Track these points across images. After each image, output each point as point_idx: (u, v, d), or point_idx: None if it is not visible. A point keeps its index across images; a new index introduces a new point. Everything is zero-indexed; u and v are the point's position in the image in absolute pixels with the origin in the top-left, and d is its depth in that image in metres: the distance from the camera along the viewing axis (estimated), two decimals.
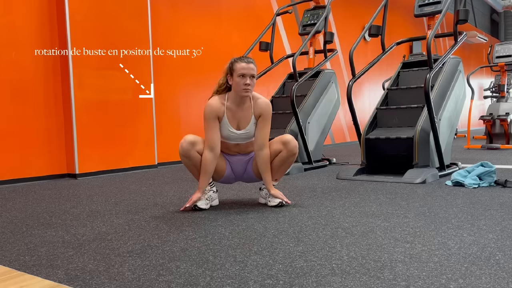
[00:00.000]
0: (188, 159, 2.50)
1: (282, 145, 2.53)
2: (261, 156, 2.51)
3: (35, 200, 3.01)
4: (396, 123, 3.83)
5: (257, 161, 2.54)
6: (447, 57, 3.73)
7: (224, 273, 1.46)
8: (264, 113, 2.52)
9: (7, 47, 3.88)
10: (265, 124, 2.52)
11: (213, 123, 2.48)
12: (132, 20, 4.64)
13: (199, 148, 2.49)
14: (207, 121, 2.49)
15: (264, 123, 2.52)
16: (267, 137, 2.54)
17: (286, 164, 2.59)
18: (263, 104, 2.53)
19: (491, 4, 14.33)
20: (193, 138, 2.50)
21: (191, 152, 2.48)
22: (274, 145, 2.56)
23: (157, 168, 4.87)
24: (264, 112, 2.52)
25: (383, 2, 4.09)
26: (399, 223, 2.09)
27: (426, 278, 1.36)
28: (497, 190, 2.91)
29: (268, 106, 2.54)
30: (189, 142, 2.48)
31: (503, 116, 6.49)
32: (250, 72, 2.43)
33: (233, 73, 2.45)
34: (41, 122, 4.10)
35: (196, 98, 5.50)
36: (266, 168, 2.53)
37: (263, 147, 2.51)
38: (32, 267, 1.59)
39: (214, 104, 2.51)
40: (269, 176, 2.55)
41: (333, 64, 7.86)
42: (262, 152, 2.51)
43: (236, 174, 2.67)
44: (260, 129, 2.52)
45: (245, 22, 6.20)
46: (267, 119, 2.53)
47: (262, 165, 2.52)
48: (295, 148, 2.54)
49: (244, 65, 2.41)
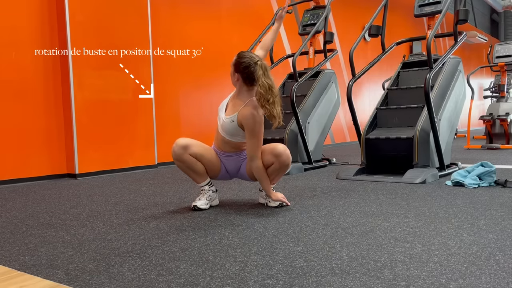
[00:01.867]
0: (182, 163, 2.49)
1: (274, 157, 2.44)
2: (253, 168, 2.46)
3: (35, 200, 3.01)
4: (396, 123, 3.83)
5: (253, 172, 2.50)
6: (447, 57, 3.73)
7: (224, 273, 1.46)
8: (245, 123, 2.41)
9: (7, 47, 3.88)
10: (249, 136, 2.41)
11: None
12: (132, 20, 4.64)
13: (192, 151, 2.47)
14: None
15: (247, 134, 2.42)
16: (255, 149, 2.42)
17: (280, 174, 2.53)
18: (244, 110, 2.42)
19: (491, 4, 14.33)
20: (185, 141, 2.48)
21: (184, 156, 2.47)
22: (266, 155, 2.46)
23: (157, 168, 4.87)
24: (244, 121, 2.41)
25: (383, 2, 4.09)
26: (399, 223, 2.09)
27: (426, 278, 1.36)
28: (497, 190, 2.91)
29: (247, 117, 2.39)
30: (180, 146, 2.46)
31: (503, 116, 6.49)
32: None
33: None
34: (41, 122, 4.10)
35: (196, 98, 5.50)
36: (261, 178, 2.47)
37: (252, 158, 2.44)
38: (32, 267, 1.59)
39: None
40: (266, 185, 2.49)
41: (333, 64, 7.86)
42: (252, 163, 2.45)
43: (230, 173, 2.65)
44: (246, 140, 2.45)
45: (245, 22, 6.20)
46: (249, 131, 2.40)
47: (256, 176, 2.48)
48: (287, 159, 2.46)
49: None
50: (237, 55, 2.50)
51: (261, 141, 2.45)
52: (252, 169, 2.47)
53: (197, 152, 2.50)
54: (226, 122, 2.49)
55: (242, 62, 2.44)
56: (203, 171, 2.56)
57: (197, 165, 2.52)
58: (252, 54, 2.47)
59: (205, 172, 2.57)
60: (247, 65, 2.42)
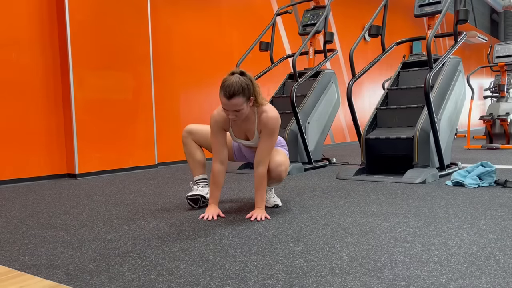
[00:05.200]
0: (184, 146, 2.62)
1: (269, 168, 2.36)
2: (256, 174, 2.33)
3: (35, 200, 3.01)
4: (396, 123, 3.83)
5: (254, 178, 2.36)
6: (447, 57, 3.73)
7: (224, 273, 1.46)
8: (263, 128, 2.29)
9: (7, 47, 3.88)
10: (265, 140, 2.29)
11: (220, 136, 2.36)
12: (132, 20, 4.64)
13: (195, 138, 2.58)
14: (214, 134, 2.37)
15: (264, 138, 2.30)
16: (266, 154, 2.31)
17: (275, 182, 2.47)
18: (265, 118, 2.28)
19: (491, 4, 14.32)
20: (192, 127, 2.60)
21: (186, 140, 2.60)
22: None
23: (157, 168, 4.87)
24: (263, 127, 2.29)
25: (383, 2, 4.09)
26: (399, 223, 2.09)
27: (426, 278, 1.36)
28: (497, 190, 2.91)
29: (269, 120, 2.28)
30: (186, 130, 2.61)
31: (503, 116, 6.49)
32: (232, 109, 2.17)
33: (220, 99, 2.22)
34: (41, 122, 4.10)
35: (196, 98, 5.50)
36: (260, 186, 2.32)
37: (260, 164, 2.30)
38: (32, 267, 1.59)
39: (218, 117, 2.34)
40: (259, 196, 2.34)
41: (333, 64, 7.86)
42: (257, 169, 2.31)
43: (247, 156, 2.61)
44: (260, 144, 2.31)
45: (245, 22, 6.20)
46: (268, 134, 2.29)
47: (256, 184, 2.35)
48: (277, 176, 2.37)
49: (225, 102, 2.15)
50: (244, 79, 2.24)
51: (273, 146, 2.34)
52: (257, 175, 2.32)
53: (201, 140, 2.59)
54: (254, 142, 2.39)
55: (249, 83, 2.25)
56: (201, 163, 2.60)
57: (196, 154, 2.59)
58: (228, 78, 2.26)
59: (203, 165, 2.61)
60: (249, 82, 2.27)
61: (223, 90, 2.15)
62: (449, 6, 3.84)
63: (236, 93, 2.13)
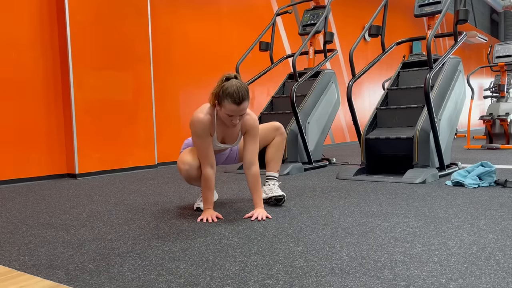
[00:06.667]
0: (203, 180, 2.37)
1: (275, 131, 2.58)
2: (251, 175, 2.32)
3: (35, 200, 3.01)
4: (396, 123, 3.83)
5: (248, 179, 2.35)
6: (447, 57, 3.73)
7: (224, 273, 1.46)
8: (250, 129, 2.33)
9: (7, 47, 3.88)
10: (254, 141, 2.34)
11: (208, 140, 2.30)
12: (132, 20, 4.64)
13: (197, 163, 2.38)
14: (202, 138, 2.28)
15: (251, 139, 2.34)
16: (255, 154, 2.34)
17: (281, 149, 2.61)
18: (250, 120, 2.32)
19: (491, 4, 14.31)
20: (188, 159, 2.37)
21: (196, 172, 2.39)
22: (268, 132, 2.57)
23: (157, 168, 4.87)
24: (250, 128, 2.33)
25: (383, 2, 4.09)
26: (399, 223, 2.09)
27: (426, 278, 1.37)
28: (497, 190, 2.91)
29: (255, 122, 2.34)
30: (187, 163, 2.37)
31: (503, 116, 6.49)
32: (241, 113, 2.18)
33: (222, 107, 2.18)
34: (41, 122, 4.10)
35: (196, 98, 5.50)
36: (256, 186, 2.31)
37: (252, 164, 2.30)
38: (32, 267, 1.59)
39: (207, 122, 2.28)
40: (257, 195, 2.34)
41: (333, 64, 7.86)
42: (250, 170, 2.30)
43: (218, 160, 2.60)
44: (248, 146, 2.33)
45: (245, 22, 6.20)
46: (254, 135, 2.34)
47: (252, 184, 2.33)
48: (284, 131, 2.62)
49: (235, 108, 2.13)
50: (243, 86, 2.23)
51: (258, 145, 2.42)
52: (252, 175, 2.31)
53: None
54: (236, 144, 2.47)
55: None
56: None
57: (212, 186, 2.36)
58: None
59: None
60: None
61: (230, 98, 2.11)
62: (449, 6, 3.84)
63: (245, 98, 2.14)
